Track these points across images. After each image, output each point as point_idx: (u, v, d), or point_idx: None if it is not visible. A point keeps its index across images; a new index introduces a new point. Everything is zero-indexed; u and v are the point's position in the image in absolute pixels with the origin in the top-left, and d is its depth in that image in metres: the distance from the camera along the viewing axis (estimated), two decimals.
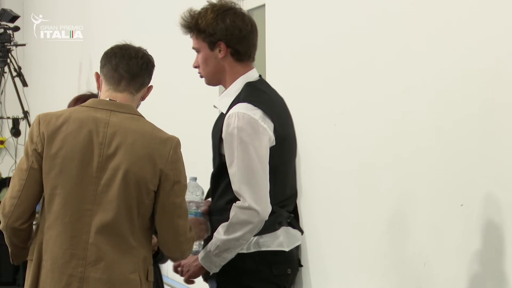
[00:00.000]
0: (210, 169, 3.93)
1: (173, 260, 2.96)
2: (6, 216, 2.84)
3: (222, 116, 2.98)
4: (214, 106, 3.06)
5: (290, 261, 3.00)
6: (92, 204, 2.75)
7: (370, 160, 4.10)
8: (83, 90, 3.08)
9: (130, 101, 2.86)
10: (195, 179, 3.14)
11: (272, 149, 2.90)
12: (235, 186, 2.86)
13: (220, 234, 2.88)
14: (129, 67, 2.87)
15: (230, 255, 2.90)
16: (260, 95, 2.96)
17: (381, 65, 4.02)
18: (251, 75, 3.02)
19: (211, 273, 3.03)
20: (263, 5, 5.32)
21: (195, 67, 3.07)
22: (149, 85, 2.94)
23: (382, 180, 4.05)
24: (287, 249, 2.97)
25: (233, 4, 3.02)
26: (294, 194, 3.06)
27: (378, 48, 4.06)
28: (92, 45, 7.57)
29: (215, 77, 3.03)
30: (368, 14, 4.15)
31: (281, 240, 2.96)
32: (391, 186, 4.01)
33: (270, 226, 2.92)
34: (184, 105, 6.11)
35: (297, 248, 3.09)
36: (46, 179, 2.79)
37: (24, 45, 8.13)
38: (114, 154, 2.76)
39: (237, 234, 2.85)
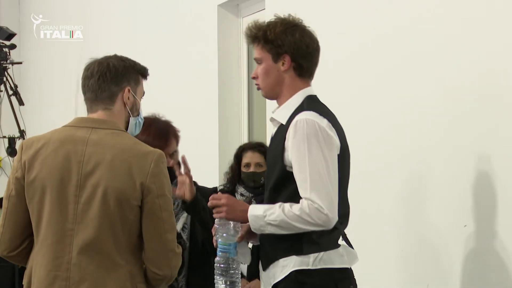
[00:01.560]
0: (210, 184, 3.89)
1: (160, 279, 2.80)
2: None
3: (282, 128, 2.96)
4: (271, 119, 3.04)
5: (352, 278, 2.98)
6: (73, 224, 2.71)
7: (372, 183, 4.05)
8: (80, 109, 3.04)
9: (110, 116, 2.82)
10: None
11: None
12: (305, 193, 2.82)
13: (285, 214, 2.83)
14: (89, 88, 2.84)
15: (279, 232, 2.87)
16: (323, 107, 2.98)
17: (386, 71, 3.99)
18: (310, 91, 3.03)
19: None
20: (263, 9, 5.31)
21: (254, 77, 3.06)
22: (125, 88, 2.85)
23: (385, 201, 4.01)
24: (349, 266, 2.95)
25: (301, 21, 3.04)
26: (349, 212, 3.02)
27: (382, 55, 4.03)
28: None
29: (274, 89, 3.02)
30: (369, 21, 4.13)
31: (344, 257, 2.93)
32: (394, 207, 3.97)
33: (333, 242, 2.92)
34: (184, 106, 6.04)
35: None
36: (31, 205, 2.77)
37: (20, 63, 8.10)
38: (93, 172, 2.71)
39: (301, 226, 2.83)
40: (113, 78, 2.84)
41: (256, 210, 2.89)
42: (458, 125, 3.56)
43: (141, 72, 2.92)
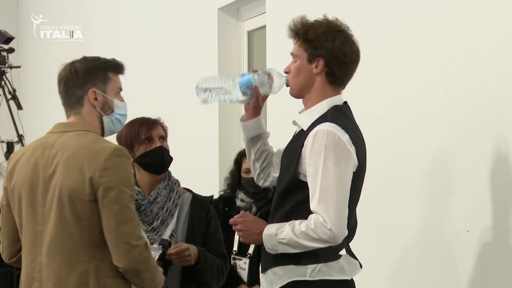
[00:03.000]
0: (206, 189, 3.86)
1: (126, 272, 2.81)
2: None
3: (301, 133, 2.92)
4: (294, 122, 3.00)
5: None
6: (42, 225, 2.81)
7: (373, 191, 4.03)
8: None
9: (81, 119, 2.90)
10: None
11: (352, 176, 2.85)
12: (314, 205, 2.78)
13: (293, 232, 2.81)
14: (60, 94, 2.95)
15: (291, 250, 2.84)
16: (348, 121, 2.92)
17: (392, 72, 3.99)
18: (338, 99, 2.97)
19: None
20: (264, 26, 5.29)
21: (286, 72, 3.01)
22: (88, 90, 2.90)
23: (388, 209, 3.99)
24: (349, 278, 2.91)
25: (347, 27, 2.97)
26: (356, 226, 2.98)
27: (386, 55, 4.02)
28: None
29: (302, 89, 2.97)
30: (371, 22, 4.12)
31: (344, 268, 2.90)
32: (395, 214, 3.95)
33: (334, 254, 2.88)
34: (184, 110, 6.02)
35: None
36: (14, 212, 2.91)
37: (19, 67, 8.05)
38: (54, 173, 2.81)
39: (308, 243, 2.79)
40: (76, 82, 2.91)
41: (269, 229, 2.87)
42: (462, 128, 3.54)
43: (111, 69, 2.95)
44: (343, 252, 2.94)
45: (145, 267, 2.80)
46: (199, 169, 5.84)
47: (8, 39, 7.86)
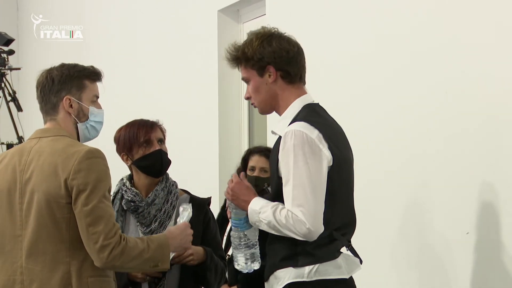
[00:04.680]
0: (205, 190, 3.86)
1: (104, 269, 2.86)
2: None
3: (279, 139, 2.94)
4: (273, 132, 3.03)
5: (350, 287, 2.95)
6: (21, 230, 2.87)
7: (374, 193, 4.03)
8: None
9: (56, 125, 2.95)
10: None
11: (330, 171, 2.86)
12: (288, 205, 2.81)
13: (274, 217, 2.84)
14: (37, 99, 3.01)
15: (270, 231, 2.87)
16: (318, 116, 2.94)
17: (389, 74, 4.00)
18: (308, 98, 3.00)
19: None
20: (263, 15, 5.30)
21: (247, 98, 3.05)
22: (63, 97, 2.95)
23: (387, 209, 3.99)
24: (347, 276, 2.92)
25: (276, 29, 3.02)
26: (353, 221, 3.00)
27: (384, 57, 4.04)
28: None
29: (268, 103, 3.01)
30: (370, 23, 4.13)
31: (342, 267, 2.91)
32: (396, 216, 3.95)
33: (331, 254, 2.89)
34: (184, 111, 6.02)
35: None
36: None
37: (19, 69, 8.06)
38: (30, 178, 2.86)
39: (286, 232, 2.82)
40: (51, 90, 2.97)
41: (255, 204, 2.91)
42: (462, 130, 3.54)
43: (87, 77, 3.00)
44: (343, 249, 2.94)
45: (122, 262, 2.83)
46: (199, 170, 5.84)
47: (8, 41, 7.86)
